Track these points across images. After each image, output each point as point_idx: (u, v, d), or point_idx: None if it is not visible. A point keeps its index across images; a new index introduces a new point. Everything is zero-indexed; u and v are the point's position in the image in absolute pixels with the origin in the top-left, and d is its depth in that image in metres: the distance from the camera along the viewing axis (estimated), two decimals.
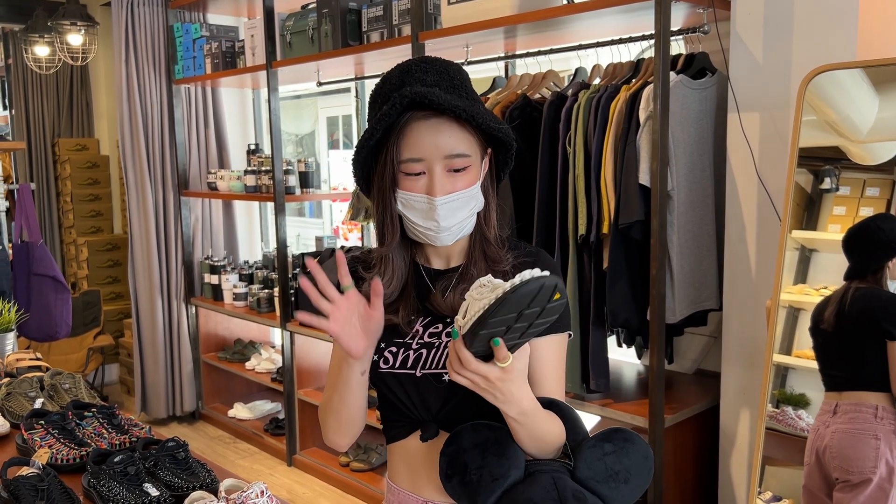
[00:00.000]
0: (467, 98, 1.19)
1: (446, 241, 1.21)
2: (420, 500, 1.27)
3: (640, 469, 1.14)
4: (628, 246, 2.35)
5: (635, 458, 1.15)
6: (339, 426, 1.26)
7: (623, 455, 1.14)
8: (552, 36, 2.82)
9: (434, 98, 1.13)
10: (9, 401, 2.09)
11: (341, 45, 3.32)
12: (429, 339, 1.23)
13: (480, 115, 1.16)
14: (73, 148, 5.72)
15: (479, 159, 1.21)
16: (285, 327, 3.87)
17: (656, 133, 2.22)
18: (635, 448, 1.15)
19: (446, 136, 1.16)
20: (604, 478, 1.13)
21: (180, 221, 4.52)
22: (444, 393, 1.20)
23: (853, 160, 2.04)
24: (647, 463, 1.15)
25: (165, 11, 4.38)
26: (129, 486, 1.51)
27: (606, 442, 1.15)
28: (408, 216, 1.20)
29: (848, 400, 1.90)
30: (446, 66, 1.21)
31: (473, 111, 1.15)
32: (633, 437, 1.17)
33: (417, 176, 1.17)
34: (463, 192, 1.17)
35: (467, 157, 1.18)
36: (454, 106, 1.13)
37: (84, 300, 4.99)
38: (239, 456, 4.16)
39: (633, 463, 1.14)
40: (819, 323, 1.96)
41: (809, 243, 2.07)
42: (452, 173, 1.17)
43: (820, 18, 2.14)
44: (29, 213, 3.52)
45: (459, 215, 1.18)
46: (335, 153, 5.29)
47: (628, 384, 2.75)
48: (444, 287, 1.24)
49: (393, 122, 1.17)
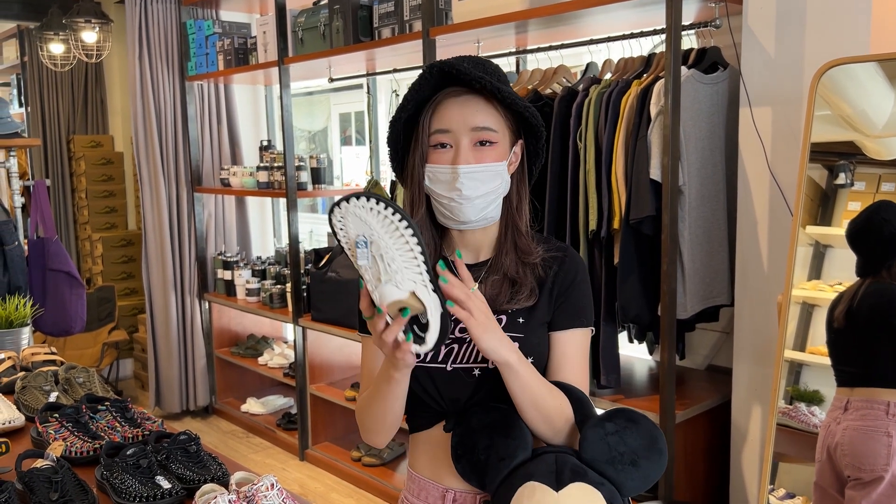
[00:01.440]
0: (499, 81, 1.22)
1: (469, 215, 1.21)
2: (441, 488, 1.28)
3: (647, 451, 1.11)
4: (639, 241, 2.34)
5: (641, 439, 1.12)
6: (383, 428, 1.27)
7: (626, 435, 1.12)
8: (563, 31, 2.81)
9: (461, 69, 1.17)
10: (24, 394, 2.11)
11: (353, 42, 3.33)
12: (459, 334, 1.24)
13: (507, 93, 1.18)
14: (88, 144, 5.77)
15: (507, 140, 1.23)
16: (298, 322, 3.89)
17: (667, 128, 2.21)
18: (639, 428, 1.12)
19: (473, 110, 1.20)
20: (607, 459, 1.11)
21: (193, 217, 4.55)
22: (473, 386, 1.22)
23: (868, 155, 2.02)
24: (657, 445, 1.12)
25: (178, 8, 4.40)
26: (141, 478, 1.52)
27: (608, 421, 1.13)
28: (433, 190, 1.22)
29: (860, 396, 1.88)
30: (481, 59, 1.25)
31: (500, 87, 1.18)
32: (638, 417, 1.14)
33: (445, 149, 1.21)
34: (487, 165, 1.19)
35: (494, 132, 1.20)
36: (480, 77, 1.17)
37: (99, 296, 5.03)
38: (251, 450, 4.18)
39: (640, 444, 1.12)
40: (831, 320, 1.94)
41: (824, 239, 2.05)
42: (479, 147, 1.20)
43: (833, 11, 2.12)
44: (44, 210, 3.56)
45: (482, 188, 1.19)
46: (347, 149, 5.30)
47: (639, 380, 2.74)
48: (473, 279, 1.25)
49: (427, 98, 1.22)
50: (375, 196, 1.04)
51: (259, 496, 1.34)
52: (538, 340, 1.24)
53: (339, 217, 1.06)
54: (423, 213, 1.27)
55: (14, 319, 2.77)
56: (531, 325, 1.23)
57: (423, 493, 1.31)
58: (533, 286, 1.24)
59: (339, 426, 4.07)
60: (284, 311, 4.08)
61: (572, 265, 1.27)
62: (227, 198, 4.73)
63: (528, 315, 1.24)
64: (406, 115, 1.24)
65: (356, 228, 1.05)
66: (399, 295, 1.05)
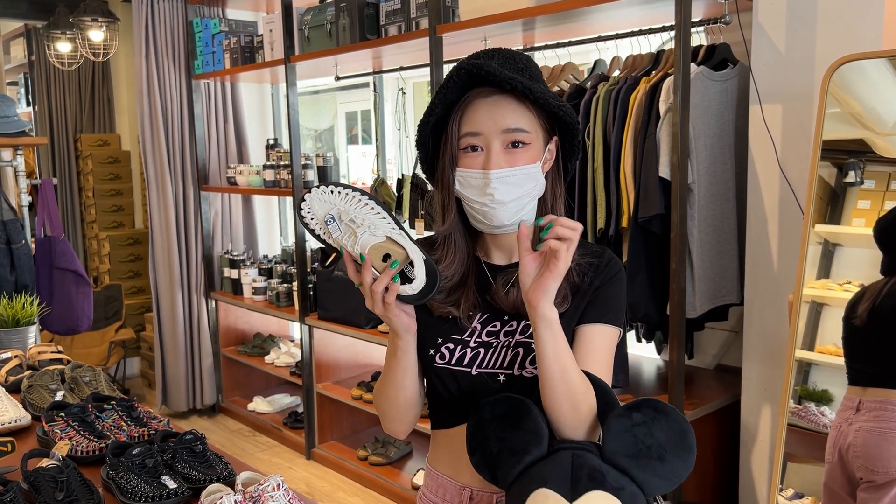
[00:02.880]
0: (530, 78, 1.18)
1: (502, 219, 1.17)
2: (458, 486, 1.27)
3: (676, 446, 1.03)
4: (648, 240, 2.33)
5: (669, 432, 1.03)
6: (396, 412, 1.27)
7: (655, 427, 1.03)
8: (571, 28, 2.80)
9: (490, 69, 1.13)
10: (30, 393, 2.11)
11: (359, 39, 3.32)
12: (486, 339, 1.23)
13: (539, 92, 1.14)
14: (95, 143, 5.78)
15: (540, 140, 1.19)
16: (304, 321, 3.88)
17: (676, 125, 2.19)
18: (669, 420, 1.04)
19: (504, 111, 1.15)
20: (633, 452, 1.03)
21: (200, 216, 4.55)
22: (497, 392, 1.19)
23: (879, 153, 2.00)
24: (687, 440, 1.04)
25: (185, 7, 4.40)
26: (146, 478, 1.51)
27: (635, 411, 1.05)
28: (465, 195, 1.18)
29: (873, 397, 1.86)
30: (512, 53, 1.21)
31: (532, 87, 1.14)
32: (667, 408, 1.05)
33: (476, 152, 1.17)
34: (520, 169, 1.15)
35: (526, 133, 1.16)
36: (510, 78, 1.13)
37: (106, 294, 5.04)
38: (258, 449, 4.18)
39: (668, 438, 1.03)
40: (851, 317, 1.91)
41: (833, 237, 2.03)
42: (511, 149, 1.16)
43: (844, 8, 2.10)
44: (51, 208, 3.56)
45: (515, 192, 1.15)
46: (354, 148, 5.29)
47: (648, 379, 2.73)
48: (504, 282, 1.23)
49: (456, 100, 1.19)
50: (332, 182, 1.15)
51: (265, 497, 1.34)
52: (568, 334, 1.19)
53: (306, 210, 1.14)
54: (455, 217, 1.23)
55: (21, 318, 2.78)
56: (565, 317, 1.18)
57: (441, 490, 1.30)
58: (566, 292, 1.19)
59: (345, 425, 4.06)
60: (291, 310, 4.08)
61: (609, 269, 1.23)
62: (234, 196, 4.73)
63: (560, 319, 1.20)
64: (435, 118, 1.21)
65: (322, 210, 1.14)
66: (377, 240, 1.12)
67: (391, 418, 1.29)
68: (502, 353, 1.21)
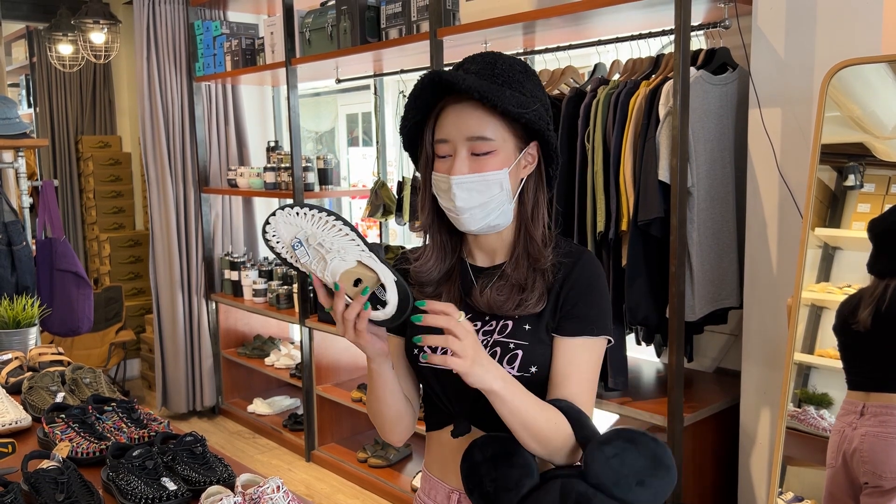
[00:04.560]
0: (503, 84, 1.18)
1: (469, 226, 1.21)
2: (447, 489, 1.31)
3: (652, 470, 1.08)
4: (647, 243, 2.33)
5: (641, 460, 1.08)
6: (385, 424, 1.30)
7: (626, 457, 1.08)
8: (571, 31, 2.80)
9: (449, 77, 1.15)
10: (31, 394, 2.12)
11: (360, 42, 3.32)
12: None
13: (499, 99, 1.14)
14: (96, 145, 5.78)
15: (510, 146, 1.20)
16: (304, 323, 3.89)
17: (676, 129, 2.19)
18: (639, 450, 1.09)
19: (469, 119, 1.17)
20: (613, 482, 1.08)
21: (201, 218, 4.55)
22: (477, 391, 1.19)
23: (878, 157, 2.00)
24: (662, 462, 1.08)
25: (186, 9, 4.41)
26: (146, 479, 1.52)
27: (606, 445, 1.10)
28: (438, 198, 1.23)
29: (877, 402, 1.85)
30: (495, 58, 1.21)
31: (491, 93, 1.13)
32: (636, 436, 1.10)
33: (445, 158, 1.20)
34: (481, 175, 1.17)
35: (490, 142, 1.17)
36: (468, 87, 1.13)
37: (106, 296, 5.04)
38: (258, 451, 4.19)
39: (642, 466, 1.08)
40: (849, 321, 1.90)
41: (833, 241, 2.04)
42: (476, 157, 1.18)
43: (843, 12, 2.11)
44: (52, 210, 3.56)
45: (477, 198, 1.18)
46: (355, 150, 5.29)
47: (647, 382, 2.73)
48: (483, 284, 1.25)
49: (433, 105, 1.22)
50: (297, 204, 1.12)
51: (265, 499, 1.34)
52: (543, 350, 1.21)
53: (271, 233, 1.12)
54: (431, 217, 1.27)
55: (22, 319, 2.78)
56: (537, 332, 1.21)
57: (432, 491, 1.34)
58: (542, 293, 1.21)
59: (345, 427, 4.07)
60: (291, 312, 4.08)
61: (584, 271, 1.22)
62: (235, 198, 4.73)
63: (534, 322, 1.21)
64: (411, 123, 1.24)
65: (288, 234, 1.11)
66: (347, 266, 1.10)
67: (383, 429, 1.32)
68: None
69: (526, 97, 1.18)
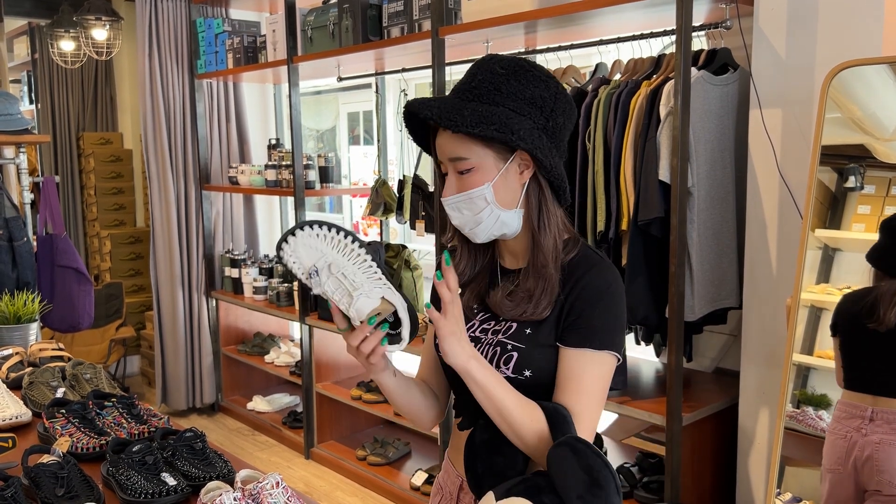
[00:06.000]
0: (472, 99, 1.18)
1: (476, 239, 1.25)
2: (456, 473, 1.37)
3: (588, 489, 1.06)
4: (647, 243, 2.33)
5: (579, 473, 1.07)
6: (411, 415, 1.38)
7: (568, 468, 1.08)
8: (573, 31, 2.81)
9: (413, 108, 1.20)
10: (31, 390, 2.12)
11: (362, 41, 3.33)
12: (478, 335, 1.28)
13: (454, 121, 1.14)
14: (97, 142, 5.79)
15: (489, 161, 1.19)
16: (304, 321, 3.89)
17: (677, 129, 2.20)
18: (578, 463, 1.08)
19: (446, 141, 1.20)
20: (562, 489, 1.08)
21: (201, 215, 4.56)
22: None
23: (879, 158, 2.01)
24: (597, 483, 1.06)
25: (188, 6, 4.42)
26: (146, 475, 1.52)
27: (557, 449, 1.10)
28: None
29: (887, 407, 1.81)
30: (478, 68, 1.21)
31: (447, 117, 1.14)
32: (580, 449, 1.08)
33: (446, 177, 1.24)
34: (465, 194, 1.20)
35: (466, 160, 1.19)
36: (426, 116, 1.17)
37: (106, 292, 5.05)
38: (257, 448, 4.19)
39: (579, 480, 1.07)
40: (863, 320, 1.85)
41: (833, 242, 2.04)
42: (461, 175, 1.21)
43: (845, 13, 2.11)
44: (53, 206, 3.57)
45: (468, 215, 1.21)
46: (355, 149, 5.30)
47: (646, 382, 2.73)
48: (505, 286, 1.27)
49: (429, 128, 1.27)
50: (317, 222, 1.09)
51: (264, 494, 1.34)
52: (540, 355, 1.21)
53: (289, 252, 1.09)
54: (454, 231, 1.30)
55: (22, 315, 2.78)
56: (536, 338, 1.21)
57: (446, 475, 1.41)
58: (549, 301, 1.20)
59: (344, 425, 4.07)
60: (291, 310, 4.09)
61: (594, 281, 1.20)
62: (235, 196, 4.74)
63: (537, 327, 1.22)
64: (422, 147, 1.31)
65: (309, 258, 1.08)
66: (373, 304, 1.10)
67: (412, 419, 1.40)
68: (486, 349, 1.25)
69: (497, 106, 1.17)
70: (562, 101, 1.21)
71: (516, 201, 1.22)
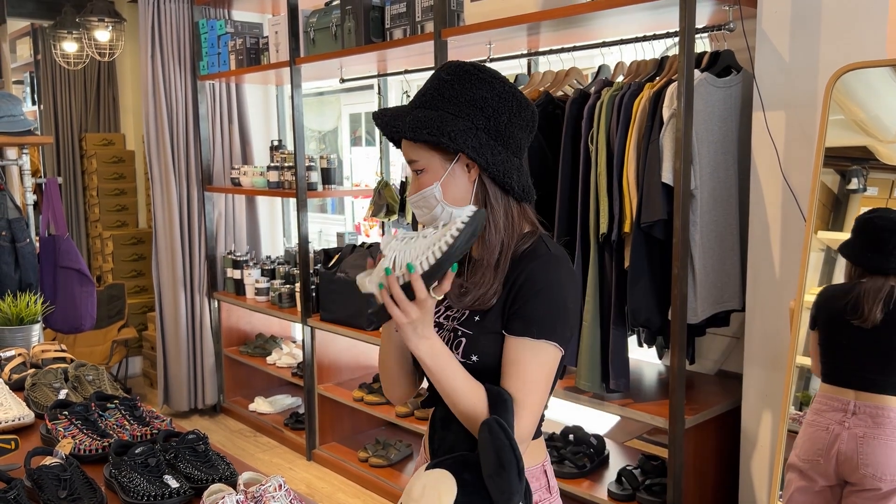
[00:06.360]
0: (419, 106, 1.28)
1: None
2: (425, 457, 1.43)
3: (496, 468, 1.11)
4: (650, 245, 2.33)
5: (489, 453, 1.12)
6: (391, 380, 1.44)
7: (484, 446, 1.13)
8: (575, 33, 2.81)
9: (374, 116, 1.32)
10: (34, 391, 2.12)
11: (364, 42, 3.33)
12: (441, 320, 1.36)
13: (396, 127, 1.27)
14: (100, 143, 5.79)
15: (436, 162, 1.28)
16: (306, 322, 3.89)
17: (680, 131, 2.20)
18: (492, 442, 1.12)
19: (403, 145, 1.32)
20: (483, 464, 1.14)
21: (204, 216, 4.56)
22: None
23: (881, 160, 2.01)
24: (500, 462, 1.12)
25: (191, 8, 4.42)
26: (149, 477, 1.52)
27: (480, 428, 1.14)
28: None
29: (870, 401, 1.84)
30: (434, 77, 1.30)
31: (390, 124, 1.27)
32: (494, 429, 1.13)
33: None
34: (419, 193, 1.30)
35: (416, 162, 1.30)
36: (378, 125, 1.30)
37: (109, 293, 5.05)
38: (259, 449, 4.19)
39: (490, 459, 1.12)
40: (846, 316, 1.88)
41: (835, 244, 2.04)
42: (416, 175, 1.31)
43: (848, 16, 2.11)
44: (56, 207, 3.57)
45: (426, 212, 1.31)
46: (358, 150, 5.30)
47: (649, 384, 2.73)
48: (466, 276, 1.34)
49: None
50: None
51: (266, 497, 1.34)
52: (487, 340, 1.28)
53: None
54: None
55: (25, 316, 2.79)
56: (484, 325, 1.29)
57: (421, 460, 1.46)
58: (497, 290, 1.28)
59: (346, 426, 4.07)
60: (293, 311, 4.09)
61: (538, 272, 1.26)
62: (238, 197, 4.74)
63: (484, 315, 1.29)
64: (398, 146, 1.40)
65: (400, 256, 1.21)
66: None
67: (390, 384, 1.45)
68: (445, 335, 1.33)
69: (436, 111, 1.26)
70: (507, 100, 1.27)
71: (468, 198, 1.29)
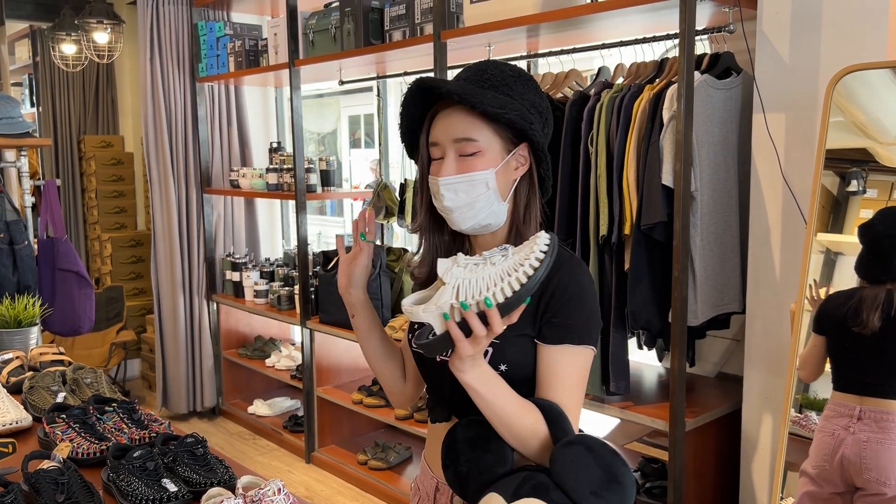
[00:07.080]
0: (488, 88, 1.21)
1: (460, 225, 1.25)
2: (432, 476, 1.38)
3: (606, 485, 1.07)
4: (650, 247, 2.33)
5: (596, 471, 1.09)
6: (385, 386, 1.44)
7: (583, 465, 1.09)
8: (575, 35, 2.80)
9: (430, 83, 1.21)
10: (31, 394, 2.11)
11: (363, 44, 3.32)
12: None
13: (478, 100, 1.17)
14: (99, 145, 5.79)
15: (496, 148, 1.22)
16: (305, 325, 3.88)
17: (680, 133, 2.19)
18: (595, 461, 1.09)
19: (455, 121, 1.21)
20: (571, 486, 1.09)
21: (203, 218, 4.55)
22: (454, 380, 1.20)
23: (881, 162, 2.00)
24: (615, 479, 1.08)
25: (190, 10, 4.41)
26: (147, 481, 1.51)
27: (568, 448, 1.11)
28: (433, 199, 1.27)
29: (875, 406, 1.84)
30: (487, 65, 1.25)
31: (471, 95, 1.17)
32: (596, 447, 1.10)
33: (439, 161, 1.24)
34: (467, 175, 1.21)
35: (475, 142, 1.21)
36: (448, 90, 1.19)
37: (107, 296, 5.04)
38: (258, 452, 4.18)
39: (597, 477, 1.08)
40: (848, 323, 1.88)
41: (835, 246, 2.04)
42: (463, 158, 1.21)
43: (849, 18, 2.10)
44: (54, 209, 3.56)
45: (463, 198, 1.21)
46: (357, 152, 5.30)
47: (649, 387, 2.72)
48: None
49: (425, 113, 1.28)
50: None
51: (265, 500, 1.33)
52: (515, 349, 1.22)
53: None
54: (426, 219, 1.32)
55: (23, 319, 2.78)
56: (511, 332, 1.19)
57: (423, 477, 1.42)
58: None
59: (345, 429, 4.06)
60: (292, 313, 4.08)
61: (566, 278, 1.21)
62: (237, 199, 4.73)
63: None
64: (405, 129, 1.30)
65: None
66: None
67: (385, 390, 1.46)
68: None
69: (512, 99, 1.21)
70: (550, 115, 1.29)
71: (507, 195, 1.25)
